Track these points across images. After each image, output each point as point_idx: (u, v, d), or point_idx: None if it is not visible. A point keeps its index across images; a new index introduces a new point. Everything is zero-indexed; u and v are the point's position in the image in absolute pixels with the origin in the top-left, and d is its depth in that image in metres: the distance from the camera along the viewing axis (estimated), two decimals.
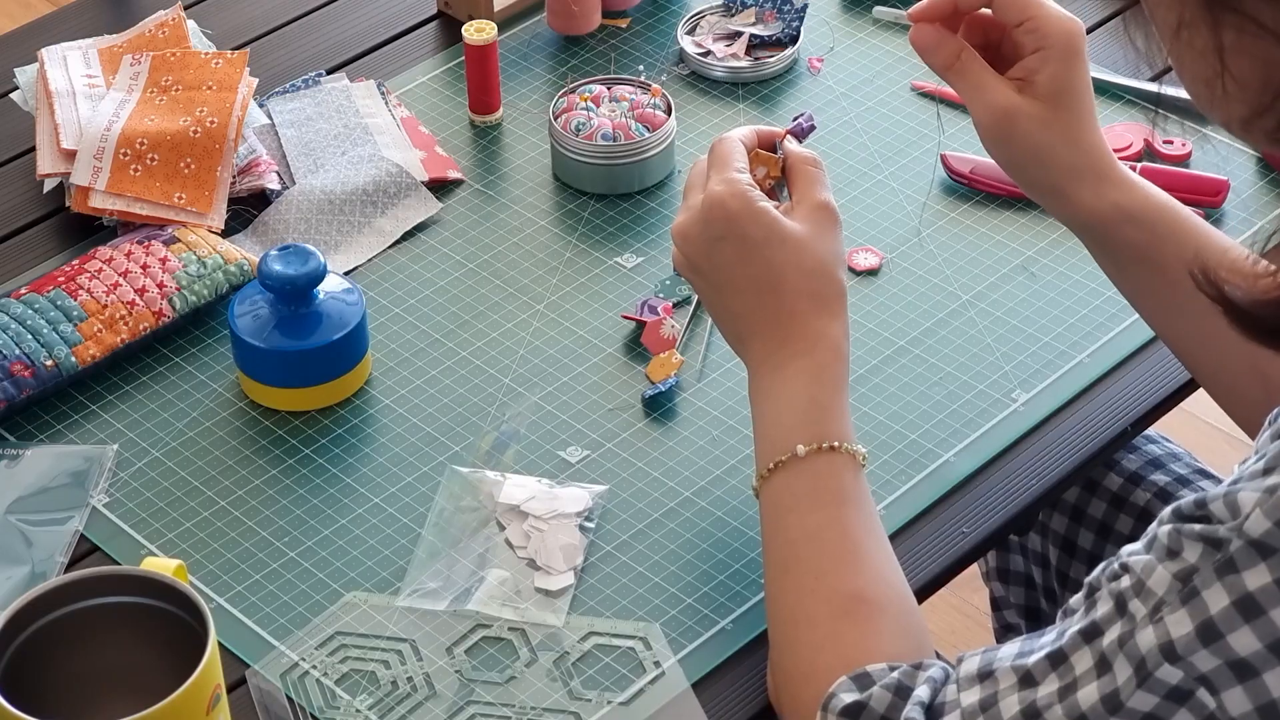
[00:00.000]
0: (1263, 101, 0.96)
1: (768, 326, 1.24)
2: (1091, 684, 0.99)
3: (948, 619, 2.39)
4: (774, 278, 1.23)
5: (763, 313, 1.24)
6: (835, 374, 1.22)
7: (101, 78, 1.59)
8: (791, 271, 1.23)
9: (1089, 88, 1.28)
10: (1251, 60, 0.96)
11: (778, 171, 1.29)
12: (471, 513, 1.31)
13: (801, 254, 1.23)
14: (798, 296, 1.23)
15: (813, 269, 1.23)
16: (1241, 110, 0.98)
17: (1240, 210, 1.53)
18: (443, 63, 1.70)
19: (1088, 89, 1.28)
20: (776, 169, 1.29)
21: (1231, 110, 0.99)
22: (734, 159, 1.27)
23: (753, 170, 1.28)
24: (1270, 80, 0.96)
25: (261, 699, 1.20)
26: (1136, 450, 1.54)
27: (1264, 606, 0.94)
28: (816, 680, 1.11)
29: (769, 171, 1.29)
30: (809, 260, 1.23)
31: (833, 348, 1.22)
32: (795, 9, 1.69)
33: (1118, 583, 1.00)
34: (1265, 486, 0.95)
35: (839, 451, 1.19)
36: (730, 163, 1.27)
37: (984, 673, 1.05)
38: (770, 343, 1.23)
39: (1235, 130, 1.01)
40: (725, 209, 1.24)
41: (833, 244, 1.25)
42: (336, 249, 1.51)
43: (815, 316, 1.23)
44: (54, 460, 1.35)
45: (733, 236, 1.24)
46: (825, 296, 1.23)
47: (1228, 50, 0.96)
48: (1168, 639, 0.96)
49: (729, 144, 1.28)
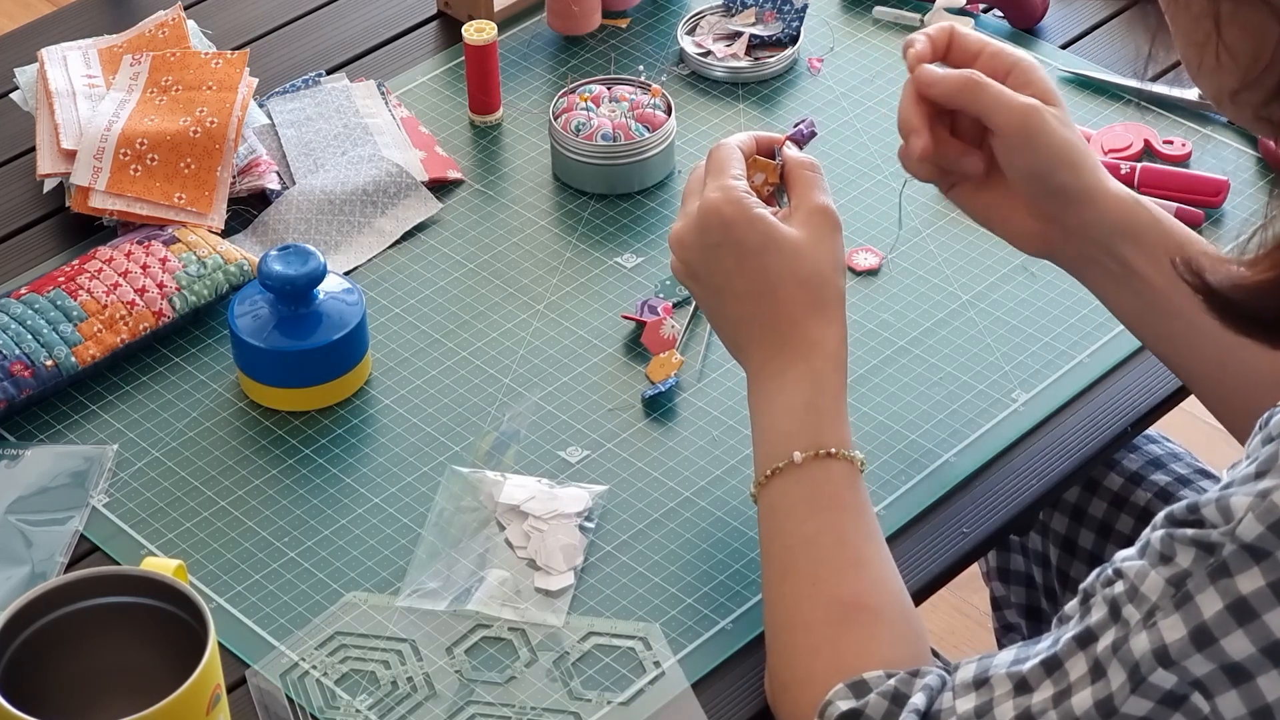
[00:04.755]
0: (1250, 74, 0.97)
1: (765, 333, 1.23)
2: (1086, 689, 0.99)
3: (948, 619, 2.39)
4: (770, 284, 1.23)
5: (760, 319, 1.24)
6: (833, 380, 1.22)
7: (101, 78, 1.59)
8: (788, 278, 1.23)
9: None
10: (1244, 30, 0.96)
11: (776, 178, 1.29)
12: (471, 513, 1.31)
13: (798, 260, 1.23)
14: (794, 303, 1.23)
15: (809, 275, 1.23)
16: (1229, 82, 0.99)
17: (1240, 210, 1.53)
18: (443, 63, 1.70)
19: None
20: (775, 175, 1.29)
21: (1221, 81, 0.99)
22: (731, 166, 1.27)
23: (751, 177, 1.28)
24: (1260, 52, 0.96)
25: (261, 699, 1.20)
26: (1137, 450, 1.54)
27: (1257, 610, 0.94)
28: (813, 686, 1.12)
29: (767, 178, 1.29)
30: (805, 266, 1.23)
31: (830, 354, 1.22)
32: (795, 9, 1.69)
33: (1111, 588, 1.00)
34: (1257, 491, 0.95)
35: (836, 458, 1.19)
36: (727, 169, 1.26)
37: (979, 680, 1.05)
38: (767, 349, 1.23)
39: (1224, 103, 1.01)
40: (721, 215, 1.24)
41: (830, 249, 1.25)
42: (336, 249, 1.51)
43: (812, 323, 1.22)
44: (54, 460, 1.35)
45: (729, 243, 1.24)
46: (822, 302, 1.23)
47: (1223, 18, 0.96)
48: (1161, 644, 0.96)
49: (726, 150, 1.28)
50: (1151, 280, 1.27)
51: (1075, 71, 1.66)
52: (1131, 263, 1.27)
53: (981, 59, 1.29)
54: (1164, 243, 1.27)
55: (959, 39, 1.31)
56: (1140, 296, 1.28)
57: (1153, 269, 1.27)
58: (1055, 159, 1.26)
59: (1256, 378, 1.24)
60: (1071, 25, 1.73)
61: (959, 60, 1.30)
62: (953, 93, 1.27)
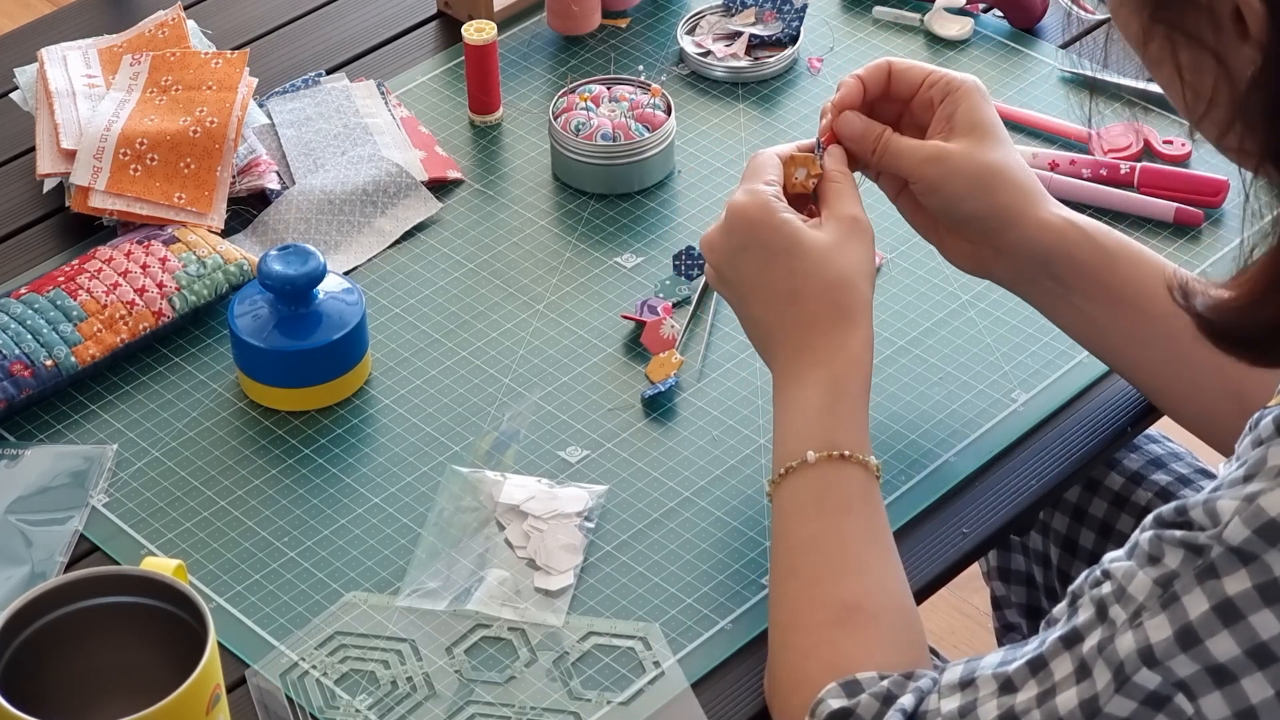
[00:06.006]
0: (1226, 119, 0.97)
1: (788, 335, 1.24)
2: (1070, 689, 0.99)
3: (948, 619, 2.39)
4: (795, 287, 1.23)
5: (784, 322, 1.24)
6: (853, 385, 1.22)
7: (101, 78, 1.59)
8: (813, 281, 1.23)
9: (1002, 126, 1.30)
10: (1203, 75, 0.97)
11: (818, 169, 1.29)
12: (471, 513, 1.31)
13: (824, 264, 1.23)
14: (819, 306, 1.23)
15: (834, 280, 1.23)
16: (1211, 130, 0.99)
17: (1240, 210, 1.53)
18: (443, 63, 1.70)
19: (1002, 127, 1.30)
20: (816, 168, 1.29)
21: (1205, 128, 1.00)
22: (764, 171, 1.28)
23: (792, 172, 1.28)
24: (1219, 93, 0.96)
25: (261, 699, 1.20)
26: (1138, 449, 1.54)
27: (1243, 612, 0.94)
28: (806, 686, 1.12)
29: (809, 171, 1.29)
30: (831, 271, 1.23)
31: (852, 358, 1.22)
32: (795, 9, 1.69)
33: (1099, 589, 1.00)
34: (1244, 494, 0.95)
35: (850, 461, 1.19)
36: (761, 174, 1.27)
37: (965, 681, 1.05)
38: (790, 351, 1.24)
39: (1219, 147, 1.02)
40: (747, 217, 1.25)
41: (857, 255, 1.25)
42: (336, 249, 1.51)
43: (835, 327, 1.23)
44: (54, 460, 1.35)
45: (755, 245, 1.24)
46: (846, 307, 1.23)
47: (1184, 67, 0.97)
48: (1146, 644, 0.96)
49: (763, 157, 1.29)
50: (1092, 296, 1.29)
51: (1075, 71, 1.66)
52: (1067, 281, 1.29)
53: (919, 92, 1.31)
54: (1100, 259, 1.28)
55: (899, 73, 1.32)
56: (1080, 312, 1.30)
57: (1092, 286, 1.29)
58: (962, 196, 1.28)
59: (1206, 382, 1.25)
60: (1071, 25, 1.73)
61: (900, 93, 1.32)
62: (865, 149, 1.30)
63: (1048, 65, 1.68)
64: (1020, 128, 1.61)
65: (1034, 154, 1.57)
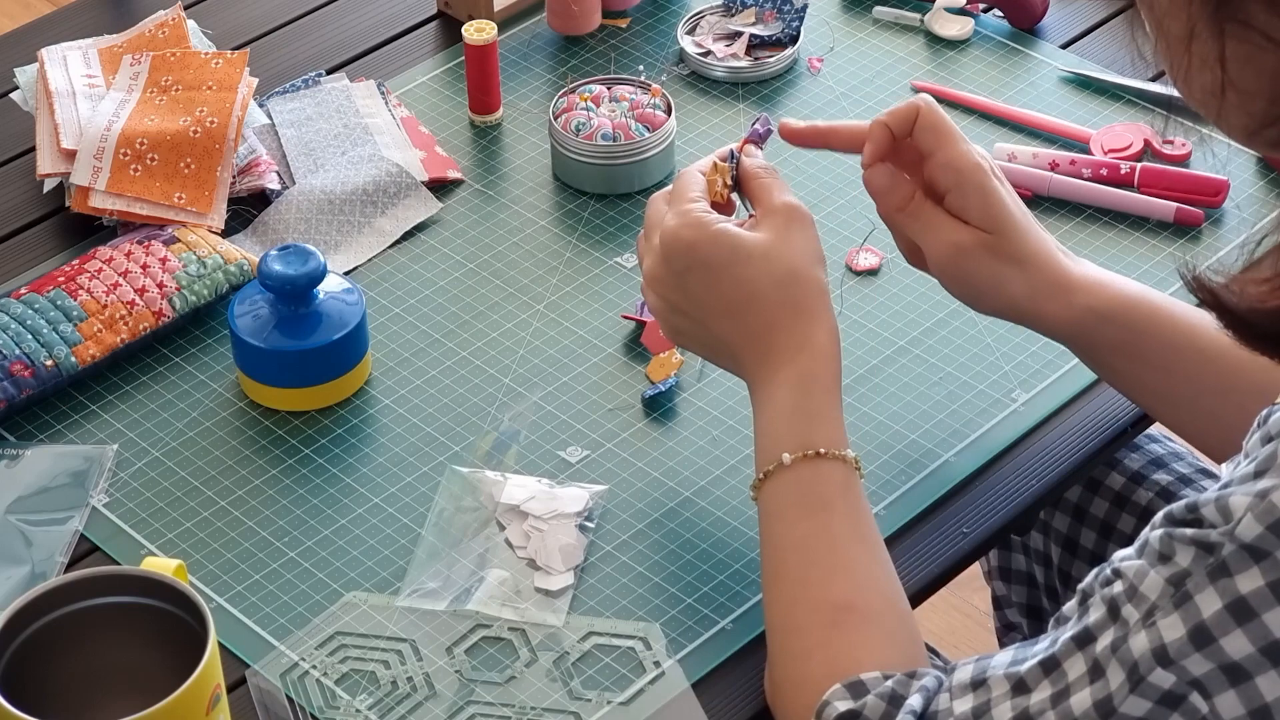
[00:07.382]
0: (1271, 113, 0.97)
1: (753, 342, 1.23)
2: (1084, 690, 0.99)
3: (948, 619, 2.39)
4: (747, 294, 1.23)
5: (745, 331, 1.24)
6: (822, 380, 1.22)
7: (101, 78, 1.59)
8: (764, 283, 1.23)
9: (1019, 205, 1.29)
10: (1258, 72, 0.96)
11: (729, 177, 1.28)
12: (471, 513, 1.31)
13: (770, 264, 1.23)
14: (774, 307, 1.23)
15: (784, 277, 1.23)
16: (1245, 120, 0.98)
17: (1240, 210, 1.53)
18: (443, 63, 1.70)
19: (1018, 206, 1.29)
20: (728, 175, 1.28)
21: (1235, 120, 0.99)
22: (689, 190, 1.27)
23: (715, 184, 1.28)
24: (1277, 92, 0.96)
25: (261, 699, 1.20)
26: (1139, 449, 1.54)
27: (1256, 610, 0.94)
28: (807, 688, 1.12)
29: (722, 179, 1.28)
30: (779, 268, 1.23)
31: (818, 351, 1.22)
32: (795, 9, 1.69)
33: (1110, 588, 1.00)
34: (1256, 490, 0.95)
35: (826, 458, 1.19)
36: (685, 195, 1.27)
37: (976, 681, 1.05)
38: (756, 357, 1.23)
39: (1238, 138, 1.01)
40: (682, 240, 1.24)
41: (801, 244, 1.24)
42: (336, 249, 1.51)
43: (796, 324, 1.22)
44: (54, 460, 1.35)
45: (697, 265, 1.24)
46: (803, 301, 1.23)
47: (1230, 61, 0.96)
48: (1160, 643, 0.96)
49: (685, 177, 1.29)
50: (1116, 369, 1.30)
51: (1075, 71, 1.66)
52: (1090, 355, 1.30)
53: (927, 167, 1.29)
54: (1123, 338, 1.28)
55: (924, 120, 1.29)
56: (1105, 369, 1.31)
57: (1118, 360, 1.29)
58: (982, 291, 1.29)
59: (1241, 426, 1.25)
60: (1071, 25, 1.73)
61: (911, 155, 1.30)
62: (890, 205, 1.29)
63: (1048, 65, 1.68)
64: (1020, 128, 1.61)
65: (1034, 154, 1.57)
